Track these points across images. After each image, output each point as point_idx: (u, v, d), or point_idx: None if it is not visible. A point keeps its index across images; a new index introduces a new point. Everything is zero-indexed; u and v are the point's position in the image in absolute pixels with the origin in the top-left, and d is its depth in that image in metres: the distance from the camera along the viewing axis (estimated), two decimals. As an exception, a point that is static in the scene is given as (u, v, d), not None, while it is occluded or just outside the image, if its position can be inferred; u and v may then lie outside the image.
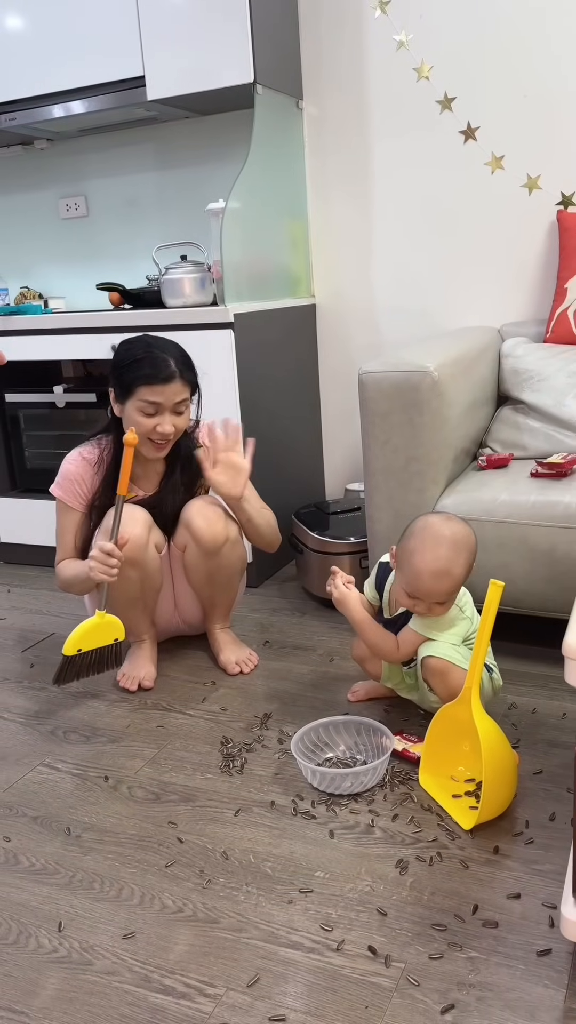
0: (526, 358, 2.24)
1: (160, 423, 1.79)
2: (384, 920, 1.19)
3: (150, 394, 1.77)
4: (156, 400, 1.78)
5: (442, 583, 1.47)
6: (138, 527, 1.81)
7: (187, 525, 1.89)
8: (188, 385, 1.82)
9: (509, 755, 1.40)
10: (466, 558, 1.49)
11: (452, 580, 1.48)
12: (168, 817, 1.46)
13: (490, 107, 2.43)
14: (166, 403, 1.78)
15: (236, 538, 1.92)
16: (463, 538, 1.49)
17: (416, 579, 1.48)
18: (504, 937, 1.15)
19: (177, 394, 1.79)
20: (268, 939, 1.17)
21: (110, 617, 1.80)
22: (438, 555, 1.47)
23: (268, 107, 2.47)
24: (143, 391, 1.78)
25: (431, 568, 1.47)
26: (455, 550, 1.47)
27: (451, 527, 1.50)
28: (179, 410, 1.81)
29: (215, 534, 1.86)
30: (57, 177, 3.09)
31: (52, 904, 1.27)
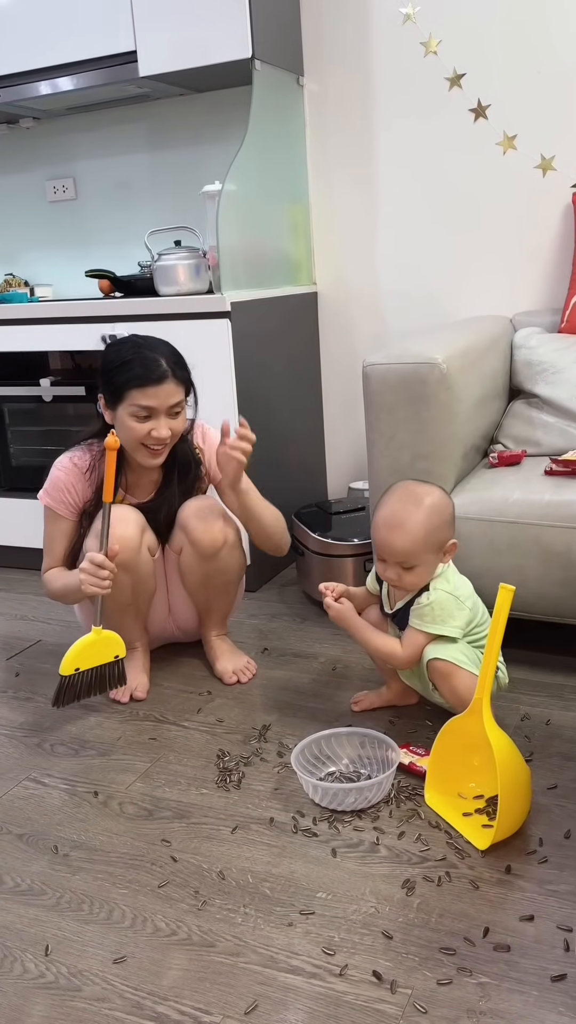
0: (539, 349, 2.24)
1: (155, 427, 1.78)
2: (390, 944, 1.19)
3: (142, 397, 1.76)
4: (149, 404, 1.76)
5: (396, 536, 1.53)
6: (130, 529, 1.81)
7: (183, 527, 1.88)
8: (182, 385, 1.81)
9: (523, 769, 1.40)
10: (426, 517, 1.54)
11: (408, 536, 1.52)
12: (161, 835, 1.46)
13: (502, 83, 2.43)
14: (160, 406, 1.77)
15: (235, 541, 1.92)
16: (427, 497, 1.56)
17: (375, 532, 1.56)
18: (516, 962, 1.14)
19: (171, 395, 1.78)
20: (267, 964, 1.17)
21: (108, 633, 1.79)
22: (395, 508, 1.56)
23: (267, 84, 2.47)
24: (135, 395, 1.76)
25: (385, 519, 1.56)
26: (415, 505, 1.55)
27: (419, 486, 1.59)
28: (174, 412, 1.80)
29: (213, 537, 1.86)
30: (44, 158, 3.09)
31: (38, 927, 1.27)
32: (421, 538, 1.53)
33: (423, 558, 1.55)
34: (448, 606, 1.57)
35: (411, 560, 1.55)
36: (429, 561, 1.56)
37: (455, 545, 1.59)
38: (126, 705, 1.90)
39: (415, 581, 1.57)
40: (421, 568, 1.56)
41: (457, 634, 1.56)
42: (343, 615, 1.63)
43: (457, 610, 1.57)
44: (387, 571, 1.58)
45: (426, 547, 1.54)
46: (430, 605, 1.56)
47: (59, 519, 1.91)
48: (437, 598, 1.57)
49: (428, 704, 1.81)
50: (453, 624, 1.56)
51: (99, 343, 2.44)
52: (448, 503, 1.59)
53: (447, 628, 1.56)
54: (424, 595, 1.58)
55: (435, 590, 1.57)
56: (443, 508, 1.57)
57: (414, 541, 1.53)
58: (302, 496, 2.71)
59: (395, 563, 1.56)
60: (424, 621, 1.57)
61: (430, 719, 1.74)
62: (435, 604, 1.56)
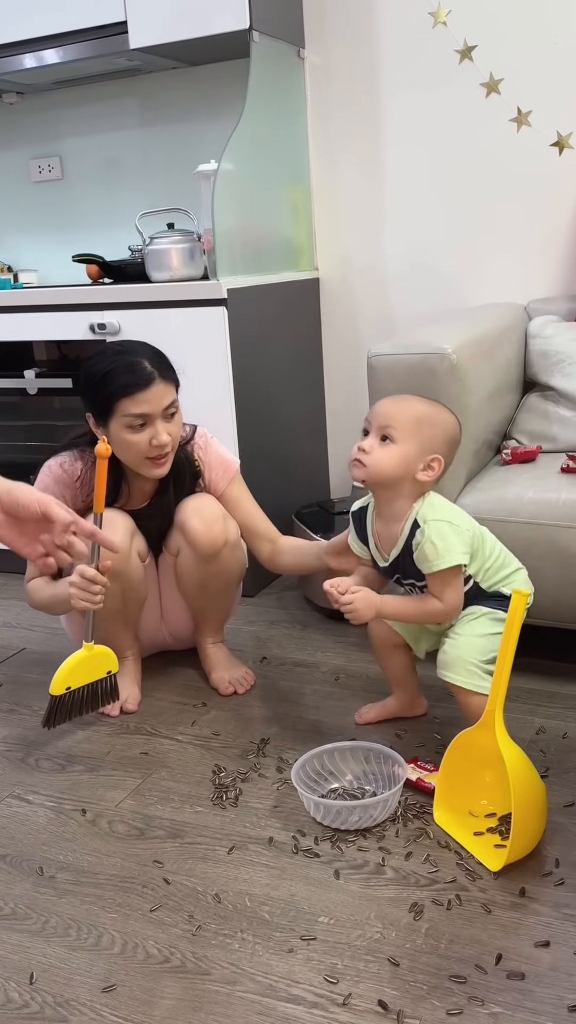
0: (556, 339, 2.24)
1: (154, 435, 1.77)
2: (396, 971, 1.19)
3: (134, 405, 1.75)
4: (142, 411, 1.75)
5: (390, 402, 1.56)
6: (119, 534, 1.81)
7: (181, 527, 1.88)
8: (171, 384, 1.80)
9: (538, 786, 1.40)
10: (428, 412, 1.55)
11: (402, 408, 1.54)
12: (153, 855, 1.46)
13: (515, 56, 2.42)
14: (154, 411, 1.76)
15: (236, 541, 1.92)
16: (437, 405, 1.58)
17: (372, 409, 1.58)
18: (531, 990, 1.15)
19: (163, 397, 1.77)
20: (266, 993, 1.17)
21: (100, 648, 1.78)
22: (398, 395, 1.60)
23: (266, 56, 2.47)
24: (125, 404, 1.75)
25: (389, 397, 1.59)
26: (425, 403, 1.57)
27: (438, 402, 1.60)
28: (170, 415, 1.80)
29: (213, 537, 1.86)
30: (28, 135, 3.10)
31: (22, 953, 1.27)
32: (416, 416, 1.53)
33: (405, 438, 1.51)
34: (445, 532, 1.52)
35: (393, 431, 1.52)
36: (408, 451, 1.52)
37: (440, 463, 1.54)
38: (116, 718, 1.90)
39: (383, 461, 1.52)
40: (396, 448, 1.51)
41: (466, 560, 1.52)
42: (366, 603, 1.55)
43: (455, 535, 1.53)
44: (364, 441, 1.55)
45: (415, 429, 1.52)
46: (428, 541, 1.51)
47: None
48: (431, 531, 1.52)
49: (437, 717, 1.81)
50: (459, 552, 1.52)
51: (87, 332, 2.44)
52: (457, 427, 1.58)
53: (455, 557, 1.51)
54: (417, 534, 1.53)
55: (426, 523, 1.53)
56: (448, 423, 1.56)
57: (408, 413, 1.53)
58: (303, 495, 2.71)
59: (376, 427, 1.54)
60: (432, 562, 1.51)
61: (439, 732, 1.75)
62: (432, 538, 1.52)
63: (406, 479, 1.54)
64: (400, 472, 1.53)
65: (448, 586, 1.54)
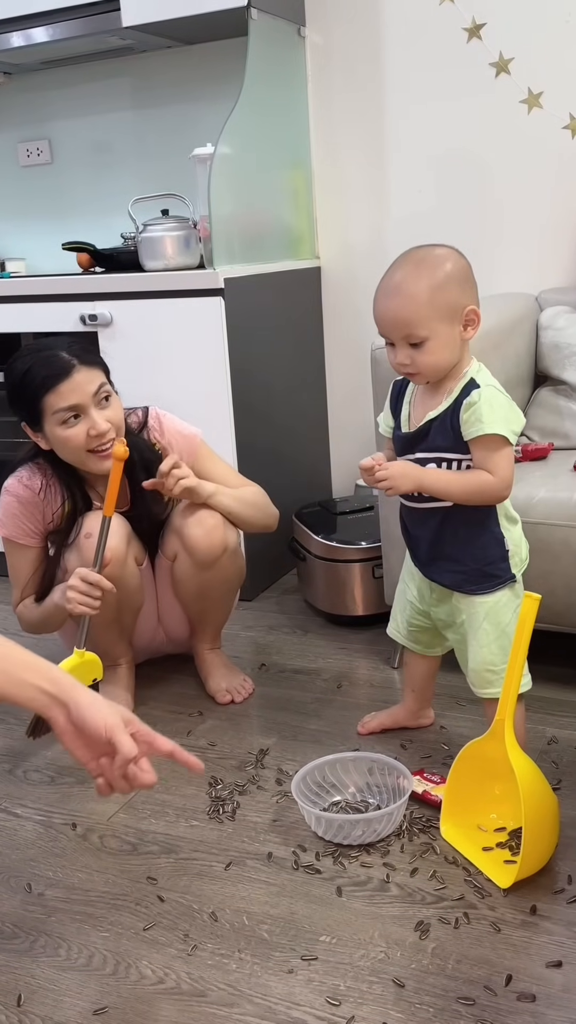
0: (568, 330, 2.24)
1: (91, 425, 1.76)
2: (401, 993, 1.19)
3: (59, 399, 1.74)
4: (70, 403, 1.74)
5: (393, 302, 1.44)
6: (114, 539, 1.81)
7: (180, 533, 1.88)
8: (95, 368, 1.79)
9: (550, 799, 1.40)
10: (429, 273, 1.43)
11: (407, 298, 1.42)
12: (147, 871, 1.46)
13: (526, 34, 2.42)
14: (83, 400, 1.75)
15: (236, 548, 1.92)
16: (430, 255, 1.46)
17: (374, 308, 1.47)
18: (543, 1013, 1.15)
19: (88, 383, 1.76)
20: (265, 1015, 1.17)
21: (90, 655, 1.78)
22: (392, 274, 1.45)
23: (264, 35, 2.47)
24: (51, 400, 1.74)
25: (383, 289, 1.46)
26: (415, 264, 1.44)
27: (422, 248, 1.48)
28: (102, 398, 1.78)
29: (212, 544, 1.86)
30: (16, 118, 3.10)
31: (10, 974, 1.27)
32: (424, 299, 1.41)
33: (432, 327, 1.42)
34: (503, 402, 1.47)
35: (416, 329, 1.42)
36: (442, 332, 1.43)
37: (476, 313, 1.46)
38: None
39: (431, 360, 1.44)
40: (433, 342, 1.43)
41: (515, 439, 1.47)
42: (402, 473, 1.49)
43: (512, 411, 1.47)
44: (397, 355, 1.46)
45: (433, 311, 1.42)
46: (485, 402, 1.44)
47: (22, 549, 1.92)
48: (489, 394, 1.45)
49: (444, 727, 1.81)
50: (514, 427, 1.46)
51: (78, 323, 2.44)
52: (461, 261, 1.46)
53: (509, 426, 1.45)
54: (473, 393, 1.45)
55: (485, 386, 1.46)
56: (452, 266, 1.45)
57: (415, 303, 1.41)
58: (304, 494, 2.71)
59: (401, 339, 1.44)
60: (484, 423, 1.43)
61: (446, 743, 1.75)
62: (490, 399, 1.45)
63: (457, 352, 1.48)
64: (451, 355, 1.46)
65: (500, 456, 1.46)
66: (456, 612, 1.59)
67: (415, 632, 1.71)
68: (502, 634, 1.54)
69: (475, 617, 1.55)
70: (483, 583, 1.54)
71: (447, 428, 1.49)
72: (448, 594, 1.60)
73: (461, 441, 1.48)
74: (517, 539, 1.58)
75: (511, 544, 1.55)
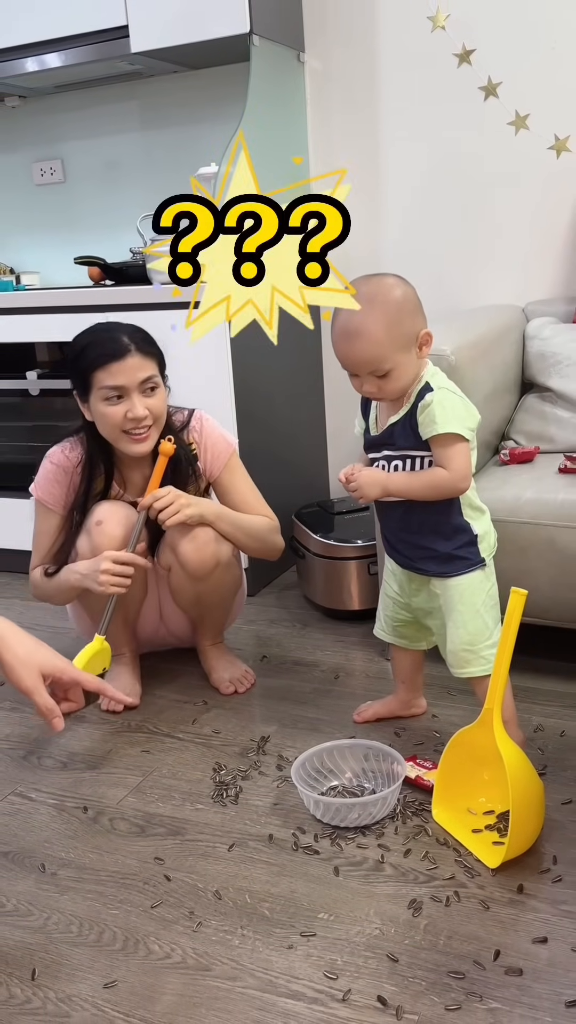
0: (553, 340, 2.24)
1: (130, 408, 1.76)
2: (395, 967, 1.19)
3: (108, 377, 1.75)
4: (116, 382, 1.75)
5: (355, 346, 1.47)
6: (121, 528, 1.81)
7: (172, 547, 1.85)
8: (150, 359, 1.80)
9: (536, 783, 1.40)
10: (383, 313, 1.45)
11: (369, 341, 1.45)
12: (154, 852, 1.46)
13: (514, 60, 2.42)
14: (129, 383, 1.76)
15: (229, 560, 1.89)
16: (380, 293, 1.47)
17: (335, 347, 1.50)
18: (529, 986, 1.15)
19: (138, 370, 1.77)
20: (266, 988, 1.17)
21: (106, 644, 1.78)
22: (347, 315, 1.45)
23: (266, 60, 2.47)
24: (100, 376, 1.76)
25: (340, 330, 1.48)
26: (368, 304, 1.44)
27: (368, 282, 1.49)
28: (148, 388, 1.79)
29: (203, 560, 1.83)
30: (30, 138, 3.09)
31: (25, 950, 1.27)
32: (384, 338, 1.45)
33: (394, 359, 1.47)
34: (455, 402, 1.51)
35: (381, 365, 1.47)
36: (403, 360, 1.48)
37: (429, 335, 1.51)
38: (117, 716, 1.90)
39: (397, 387, 1.50)
40: (397, 371, 1.48)
41: (470, 435, 1.50)
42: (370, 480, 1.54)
43: (464, 409, 1.51)
44: (364, 385, 1.51)
45: (393, 346, 1.46)
46: (438, 404, 1.49)
47: (49, 514, 1.92)
48: (441, 395, 1.50)
49: (436, 715, 1.81)
50: (467, 424, 1.50)
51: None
52: (407, 290, 1.50)
53: (462, 425, 1.49)
54: (427, 396, 1.50)
55: (438, 388, 1.51)
56: (401, 298, 1.48)
57: (377, 343, 1.46)
58: (303, 494, 2.71)
59: (368, 374, 1.49)
60: (438, 423, 1.48)
61: (438, 731, 1.75)
62: (442, 401, 1.49)
63: (416, 372, 1.52)
64: (413, 375, 1.51)
65: (454, 451, 1.49)
66: (433, 597, 1.61)
67: (400, 627, 1.71)
68: (476, 615, 1.56)
69: (450, 600, 1.57)
70: (454, 566, 1.57)
71: (408, 430, 1.54)
72: (425, 581, 1.62)
73: (422, 440, 1.53)
74: (485, 527, 1.60)
75: (479, 530, 1.58)
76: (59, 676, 1.25)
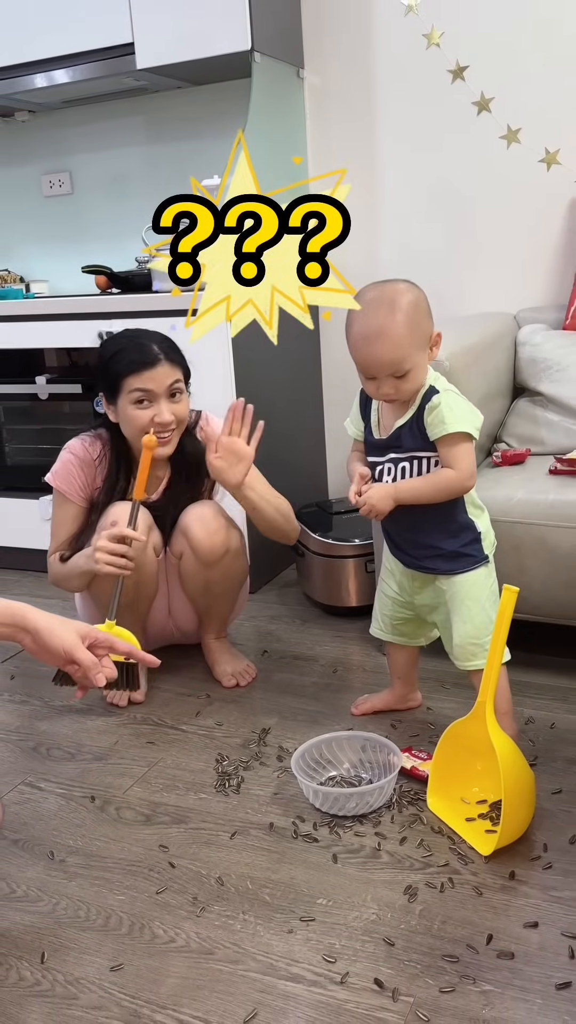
0: (544, 346, 2.24)
1: (157, 413, 1.79)
2: (391, 951, 1.19)
3: (139, 381, 1.78)
4: (146, 387, 1.78)
5: (380, 347, 1.47)
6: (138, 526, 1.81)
7: (185, 533, 1.88)
8: (177, 367, 1.83)
9: (527, 774, 1.40)
10: (405, 317, 1.46)
11: (394, 343, 1.46)
12: (159, 840, 1.46)
13: (506, 76, 2.42)
14: (157, 388, 1.79)
15: (238, 549, 1.92)
16: (399, 297, 1.48)
17: (355, 351, 1.51)
18: (520, 969, 1.15)
19: (167, 377, 1.80)
20: (266, 971, 1.17)
21: (120, 629, 1.75)
22: (369, 318, 1.47)
23: (267, 76, 2.47)
24: (131, 381, 1.79)
25: (363, 333, 1.48)
26: (389, 308, 1.46)
27: (385, 288, 1.50)
28: (174, 393, 1.82)
29: (214, 545, 1.86)
30: (39, 152, 3.09)
31: (34, 934, 1.27)
32: (407, 339, 1.46)
33: (413, 359, 1.48)
34: (461, 403, 1.51)
35: (403, 365, 1.47)
36: (420, 360, 1.49)
37: (440, 336, 1.53)
38: (124, 709, 1.90)
39: (413, 387, 1.51)
40: (415, 371, 1.49)
41: (476, 434, 1.51)
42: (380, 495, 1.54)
43: (469, 410, 1.52)
44: (381, 387, 1.51)
45: (413, 346, 1.47)
46: (445, 405, 1.49)
47: (67, 503, 1.92)
48: (448, 397, 1.51)
49: (431, 708, 1.81)
50: (474, 423, 1.51)
51: (96, 340, 2.44)
52: (421, 294, 1.51)
53: (468, 424, 1.50)
54: (434, 398, 1.51)
55: (444, 391, 1.52)
56: (418, 301, 1.50)
57: (400, 344, 1.46)
58: (302, 495, 2.70)
59: (387, 375, 1.49)
60: (446, 423, 1.49)
61: (432, 723, 1.75)
62: (449, 402, 1.50)
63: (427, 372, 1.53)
64: (425, 376, 1.52)
65: (460, 451, 1.50)
66: (439, 594, 1.61)
67: (399, 625, 1.71)
68: (481, 610, 1.56)
69: (457, 595, 1.57)
70: (460, 563, 1.57)
71: (415, 432, 1.54)
72: (430, 580, 1.61)
73: (429, 441, 1.53)
74: (486, 524, 1.61)
75: (481, 528, 1.59)
76: (95, 637, 1.25)
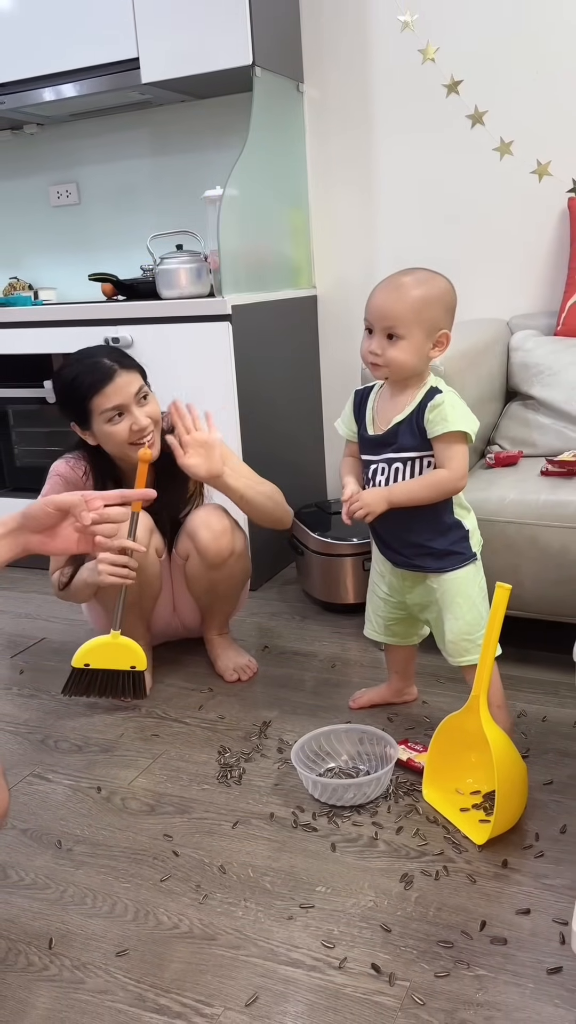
0: (536, 352, 2.24)
1: (133, 421, 1.77)
2: (388, 937, 1.19)
3: (105, 400, 1.74)
4: (115, 403, 1.75)
5: (387, 296, 1.45)
6: (140, 530, 1.81)
7: (192, 536, 1.87)
8: (133, 371, 1.79)
9: (519, 765, 1.40)
10: (425, 289, 1.46)
11: (401, 299, 1.44)
12: (163, 829, 1.46)
13: (499, 89, 2.42)
14: (125, 400, 1.75)
15: (242, 551, 1.92)
16: (431, 276, 1.48)
17: (369, 303, 1.48)
18: (513, 954, 1.15)
19: (129, 384, 1.76)
20: (267, 956, 1.17)
21: (126, 640, 1.77)
22: (394, 276, 1.48)
23: (267, 90, 2.47)
24: (98, 402, 1.75)
25: (382, 284, 1.48)
26: (414, 277, 1.47)
27: (430, 271, 1.50)
28: (142, 399, 1.79)
29: (220, 548, 1.85)
30: (48, 163, 3.10)
31: (42, 920, 1.28)
32: (413, 305, 1.43)
33: (411, 330, 1.44)
34: (462, 404, 1.50)
35: (398, 327, 1.44)
36: (416, 338, 1.45)
37: (448, 337, 1.49)
38: (129, 703, 1.90)
39: (400, 358, 1.46)
40: (406, 343, 1.45)
41: (474, 436, 1.49)
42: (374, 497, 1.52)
43: (470, 414, 1.50)
44: (371, 343, 1.47)
45: (416, 319, 1.44)
46: (447, 404, 1.47)
47: None
48: (450, 397, 1.49)
49: (427, 702, 1.81)
50: (472, 426, 1.49)
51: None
52: (452, 291, 1.49)
53: (468, 424, 1.48)
54: (436, 397, 1.49)
55: (446, 391, 1.50)
56: (444, 290, 1.48)
57: (405, 303, 1.43)
58: (302, 496, 2.70)
59: (380, 329, 1.46)
60: (448, 421, 1.46)
61: (428, 716, 1.75)
62: (451, 401, 1.48)
63: (422, 362, 1.50)
64: (416, 361, 1.48)
65: (456, 451, 1.49)
66: (430, 592, 1.60)
67: (392, 625, 1.71)
68: (472, 606, 1.55)
69: (448, 593, 1.56)
70: (450, 561, 1.56)
71: (413, 429, 1.52)
72: (420, 579, 1.61)
73: (426, 440, 1.51)
74: (473, 523, 1.60)
75: (469, 526, 1.58)
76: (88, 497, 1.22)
